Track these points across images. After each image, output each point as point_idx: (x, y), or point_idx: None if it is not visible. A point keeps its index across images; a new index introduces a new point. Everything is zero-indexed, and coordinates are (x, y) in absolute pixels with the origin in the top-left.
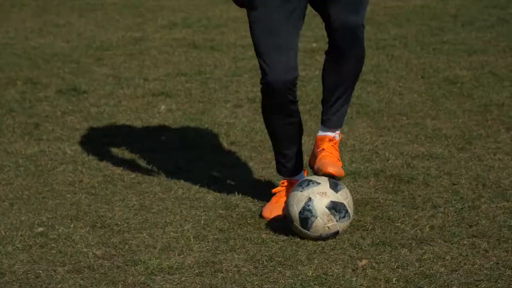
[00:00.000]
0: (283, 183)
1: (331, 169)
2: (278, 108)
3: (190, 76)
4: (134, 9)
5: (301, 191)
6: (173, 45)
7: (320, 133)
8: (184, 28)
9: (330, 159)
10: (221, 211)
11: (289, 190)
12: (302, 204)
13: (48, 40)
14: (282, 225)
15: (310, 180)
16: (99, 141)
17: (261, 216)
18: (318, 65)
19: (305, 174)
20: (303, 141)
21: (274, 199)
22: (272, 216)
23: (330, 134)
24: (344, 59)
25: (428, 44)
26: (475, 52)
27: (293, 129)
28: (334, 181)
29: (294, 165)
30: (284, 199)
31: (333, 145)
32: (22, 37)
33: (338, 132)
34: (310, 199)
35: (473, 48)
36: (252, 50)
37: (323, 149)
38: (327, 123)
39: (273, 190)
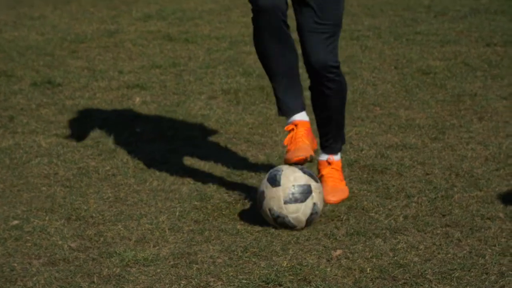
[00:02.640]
0: (290, 128)
1: (332, 199)
2: (273, 31)
3: (164, 68)
4: (108, 2)
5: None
6: (148, 37)
7: (320, 158)
8: (158, 20)
9: (332, 183)
10: (196, 203)
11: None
12: (267, 175)
13: (22, 32)
14: (257, 216)
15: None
16: (74, 134)
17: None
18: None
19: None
20: (278, 132)
21: (289, 146)
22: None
23: (330, 157)
24: (324, 97)
25: (402, 34)
26: (448, 42)
27: (288, 52)
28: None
29: (296, 101)
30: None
31: (332, 168)
32: None
33: (337, 155)
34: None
35: (446, 38)
36: (227, 42)
37: (322, 175)
38: (326, 150)
39: (284, 142)
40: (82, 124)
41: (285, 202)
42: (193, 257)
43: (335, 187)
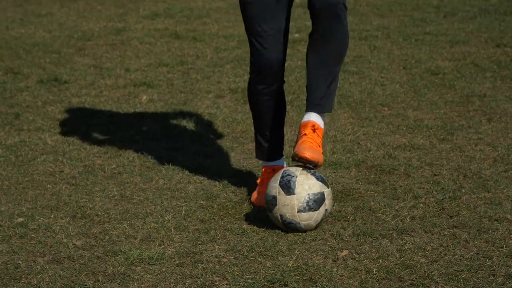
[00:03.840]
0: (264, 170)
1: (307, 154)
2: (269, 86)
3: (172, 66)
4: (116, 0)
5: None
6: (155, 35)
7: (304, 120)
8: (166, 18)
9: (310, 144)
10: (202, 202)
11: (269, 177)
12: (278, 179)
13: (29, 30)
14: (264, 216)
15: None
16: (80, 132)
17: (251, 202)
18: (300, 55)
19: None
20: (285, 131)
21: (260, 188)
22: (262, 204)
23: (313, 120)
24: (326, 40)
25: (410, 35)
26: (457, 43)
27: (280, 108)
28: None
29: (274, 148)
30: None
31: (315, 132)
32: (3, 27)
33: (322, 119)
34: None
35: (455, 39)
36: (235, 40)
37: (305, 134)
38: (313, 108)
39: (258, 181)
40: (88, 122)
41: (299, 211)
42: (199, 256)
43: (314, 149)
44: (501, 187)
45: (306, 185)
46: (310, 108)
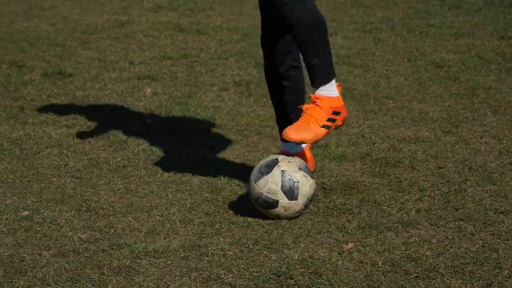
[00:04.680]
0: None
1: (290, 135)
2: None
3: (176, 59)
4: None
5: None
6: (159, 28)
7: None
8: (170, 11)
9: (297, 124)
10: (207, 195)
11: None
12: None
13: (33, 23)
14: None
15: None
16: (85, 125)
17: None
18: None
19: None
20: None
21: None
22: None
23: (312, 94)
24: (289, 28)
25: (415, 27)
26: (462, 35)
27: (298, 94)
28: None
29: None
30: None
31: (315, 103)
32: (7, 20)
33: (324, 88)
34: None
35: (460, 31)
36: (239, 33)
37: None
38: (312, 85)
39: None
40: (92, 115)
41: (298, 212)
42: (204, 250)
43: (300, 128)
44: (507, 179)
45: (305, 190)
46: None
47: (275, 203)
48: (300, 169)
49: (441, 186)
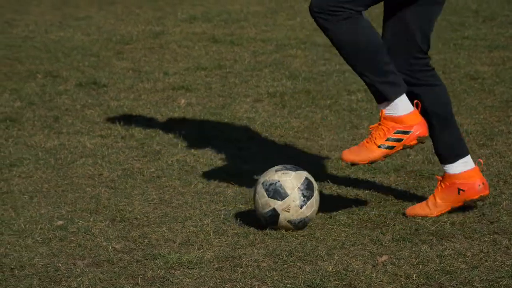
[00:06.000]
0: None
1: (343, 156)
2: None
3: (210, 70)
4: (153, 3)
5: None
6: (193, 39)
7: None
8: (204, 22)
9: (357, 147)
10: (241, 206)
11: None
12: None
13: (68, 33)
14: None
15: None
16: (119, 135)
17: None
18: (338, 59)
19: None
20: (323, 136)
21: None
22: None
23: (380, 109)
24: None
25: (449, 39)
26: (496, 47)
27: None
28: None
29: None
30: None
31: (376, 125)
32: (42, 30)
33: (389, 107)
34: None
35: (494, 43)
36: (273, 44)
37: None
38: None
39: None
40: (127, 125)
41: (301, 207)
42: (238, 261)
43: (358, 146)
44: None
45: (290, 183)
46: None
47: (274, 212)
48: (276, 171)
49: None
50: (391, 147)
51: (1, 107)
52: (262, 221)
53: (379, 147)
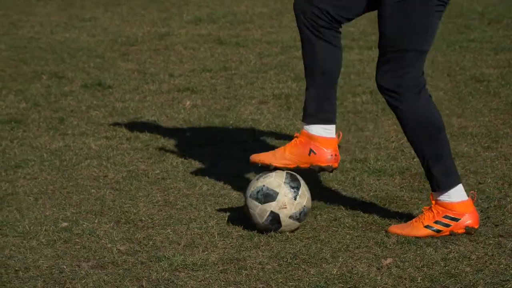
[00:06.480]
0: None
1: (390, 229)
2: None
3: (215, 72)
4: (159, 4)
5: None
6: (199, 40)
7: None
8: (209, 23)
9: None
10: None
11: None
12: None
13: (73, 34)
14: (307, 222)
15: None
16: (124, 137)
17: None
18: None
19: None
20: None
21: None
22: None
23: (433, 195)
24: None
25: (455, 41)
26: (502, 50)
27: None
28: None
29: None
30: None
31: (428, 207)
32: (48, 31)
33: (443, 192)
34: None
35: (500, 46)
36: (278, 46)
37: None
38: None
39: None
40: (132, 127)
41: (295, 198)
42: (242, 263)
43: (409, 222)
44: None
45: (274, 182)
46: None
47: (274, 214)
48: (257, 179)
49: (480, 202)
50: (438, 231)
51: (6, 108)
52: (267, 230)
53: (425, 227)
